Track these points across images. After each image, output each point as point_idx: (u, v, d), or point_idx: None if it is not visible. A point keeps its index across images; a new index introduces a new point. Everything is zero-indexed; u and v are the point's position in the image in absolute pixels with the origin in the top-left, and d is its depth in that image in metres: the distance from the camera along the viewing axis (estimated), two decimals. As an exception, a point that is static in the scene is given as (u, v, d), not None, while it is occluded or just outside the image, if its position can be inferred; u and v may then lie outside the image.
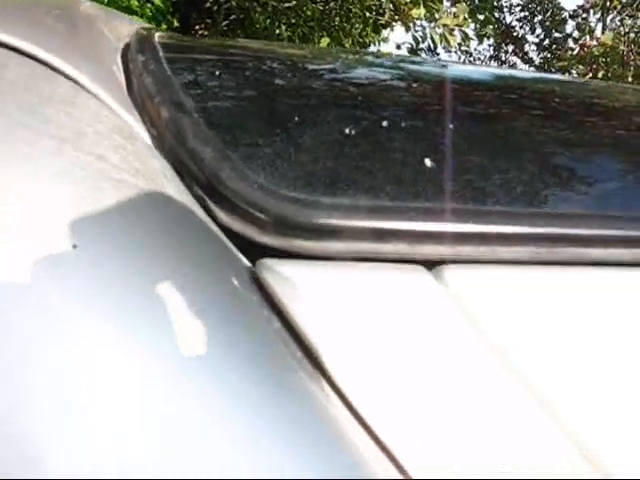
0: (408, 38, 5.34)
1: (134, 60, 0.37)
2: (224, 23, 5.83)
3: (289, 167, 0.30)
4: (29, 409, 0.21)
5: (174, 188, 0.28)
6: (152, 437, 0.21)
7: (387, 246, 0.29)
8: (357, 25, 5.76)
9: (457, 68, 0.54)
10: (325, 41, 5.51)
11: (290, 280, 0.27)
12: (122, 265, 0.24)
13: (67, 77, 0.31)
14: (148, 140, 0.31)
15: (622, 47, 4.50)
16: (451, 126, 0.35)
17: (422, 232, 0.29)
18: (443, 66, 0.53)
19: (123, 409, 0.21)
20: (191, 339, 0.23)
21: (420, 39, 5.32)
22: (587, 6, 5.66)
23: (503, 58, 7.40)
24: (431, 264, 0.30)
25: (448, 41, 5.01)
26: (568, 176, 0.35)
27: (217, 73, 0.38)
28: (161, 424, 0.21)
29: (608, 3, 5.44)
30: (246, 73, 0.40)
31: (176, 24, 5.87)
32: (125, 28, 0.48)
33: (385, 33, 5.63)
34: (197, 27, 5.94)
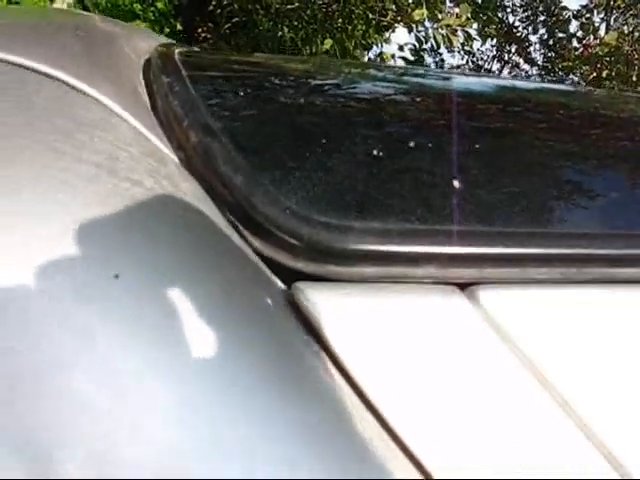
0: (410, 39, 5.35)
1: (157, 80, 0.38)
2: (227, 26, 5.84)
3: (320, 191, 0.30)
4: (61, 426, 0.21)
5: (208, 213, 0.28)
6: (184, 453, 0.21)
7: (419, 270, 0.29)
8: (359, 26, 5.77)
9: (483, 83, 0.54)
10: (328, 43, 5.51)
11: (327, 303, 0.27)
12: (159, 291, 0.24)
13: (97, 101, 0.31)
14: (178, 163, 0.31)
15: (626, 47, 4.49)
16: (479, 148, 0.35)
17: (453, 255, 0.29)
18: (470, 82, 0.53)
19: (158, 434, 0.21)
20: (231, 364, 0.23)
21: (423, 40, 5.31)
22: (591, 6, 5.64)
23: (506, 58, 7.39)
24: (463, 286, 0.30)
25: (451, 41, 5.00)
26: (596, 196, 0.35)
27: (243, 93, 0.38)
28: (196, 445, 0.21)
29: (612, 2, 5.42)
30: (274, 93, 0.40)
31: (179, 27, 5.88)
32: (145, 44, 0.48)
33: (387, 34, 5.62)
34: (200, 30, 5.95)
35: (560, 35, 6.00)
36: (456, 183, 0.31)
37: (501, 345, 0.28)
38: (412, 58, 5.31)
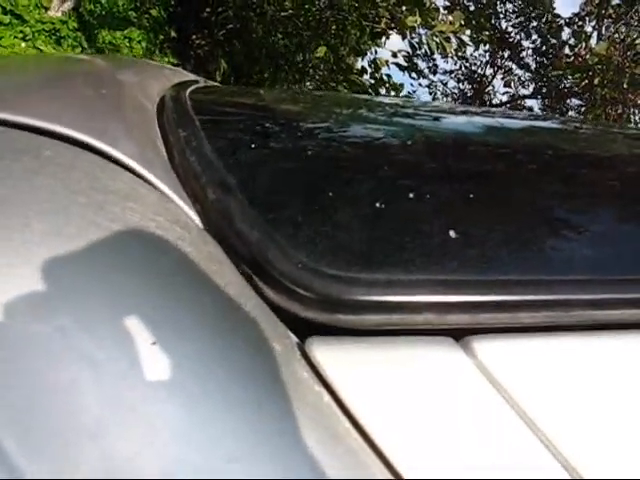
0: (404, 45, 5.38)
1: (174, 135, 0.40)
2: (221, 33, 5.87)
3: (329, 246, 0.32)
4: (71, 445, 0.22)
5: (227, 272, 0.31)
6: None
7: (419, 317, 0.32)
8: (353, 32, 5.80)
9: (491, 128, 0.55)
10: (322, 50, 5.54)
11: (337, 356, 0.29)
12: (193, 355, 0.26)
13: (126, 168, 0.33)
14: (198, 223, 0.33)
15: (616, 56, 4.54)
16: (476, 198, 0.37)
17: (449, 303, 0.32)
18: (479, 127, 0.54)
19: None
20: (246, 412, 0.26)
21: (417, 46, 5.36)
22: (583, 14, 5.71)
23: (499, 63, 7.45)
24: (458, 333, 0.32)
25: (444, 48, 5.05)
26: (583, 243, 0.37)
27: (256, 145, 0.40)
28: None
29: (603, 12, 5.49)
30: (284, 145, 0.42)
31: (173, 35, 5.91)
32: (159, 87, 0.51)
33: (381, 40, 5.66)
34: (194, 37, 5.99)
35: (553, 42, 6.07)
36: (451, 233, 0.34)
37: (496, 396, 0.30)
38: (406, 64, 5.36)
